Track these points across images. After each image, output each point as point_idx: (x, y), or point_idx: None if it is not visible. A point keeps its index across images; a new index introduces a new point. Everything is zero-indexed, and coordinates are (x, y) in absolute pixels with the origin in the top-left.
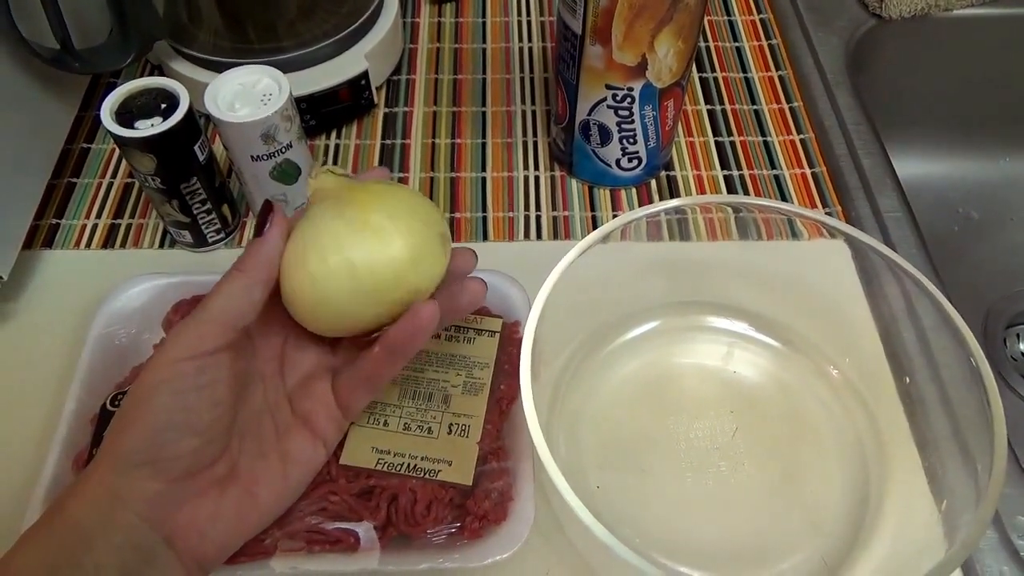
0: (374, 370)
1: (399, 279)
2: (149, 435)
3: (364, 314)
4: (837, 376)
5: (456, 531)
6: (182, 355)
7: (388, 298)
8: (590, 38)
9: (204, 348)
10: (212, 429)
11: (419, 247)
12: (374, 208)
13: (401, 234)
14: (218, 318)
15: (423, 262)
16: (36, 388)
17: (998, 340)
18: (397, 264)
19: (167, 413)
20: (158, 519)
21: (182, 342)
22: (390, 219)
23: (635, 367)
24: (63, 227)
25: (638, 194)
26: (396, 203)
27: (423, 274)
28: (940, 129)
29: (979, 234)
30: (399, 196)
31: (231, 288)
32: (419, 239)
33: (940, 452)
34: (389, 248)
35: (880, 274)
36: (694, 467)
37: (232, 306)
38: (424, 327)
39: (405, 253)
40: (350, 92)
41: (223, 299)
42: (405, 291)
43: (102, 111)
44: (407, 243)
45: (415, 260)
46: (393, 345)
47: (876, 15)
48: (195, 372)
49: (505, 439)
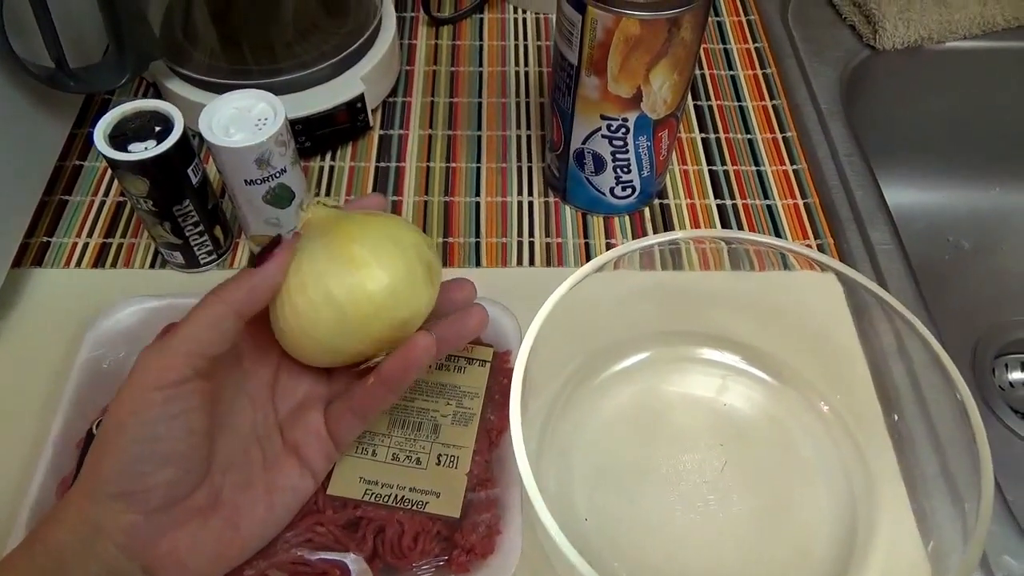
0: (367, 401)
1: (380, 311)
2: (122, 467)
3: (348, 346)
4: (827, 412)
5: (443, 564)
6: (148, 385)
7: (371, 330)
8: (586, 69)
9: (170, 379)
10: (188, 458)
11: (401, 279)
12: (357, 240)
13: (383, 266)
14: (184, 349)
15: (404, 293)
16: (23, 410)
17: (987, 369)
18: (377, 297)
19: (137, 445)
20: (137, 549)
21: (148, 372)
22: (372, 251)
23: (626, 397)
24: (54, 245)
25: (631, 222)
26: (380, 234)
27: (405, 305)
28: (932, 159)
29: (970, 263)
30: (385, 227)
31: (203, 316)
32: (402, 271)
33: (928, 490)
34: (370, 281)
35: (870, 310)
36: (683, 500)
37: (202, 336)
38: (418, 360)
39: (385, 285)
40: (346, 114)
41: (192, 328)
42: (388, 323)
43: (95, 133)
44: (388, 275)
45: (395, 292)
46: (387, 377)
47: (870, 46)
48: (163, 402)
49: (494, 470)
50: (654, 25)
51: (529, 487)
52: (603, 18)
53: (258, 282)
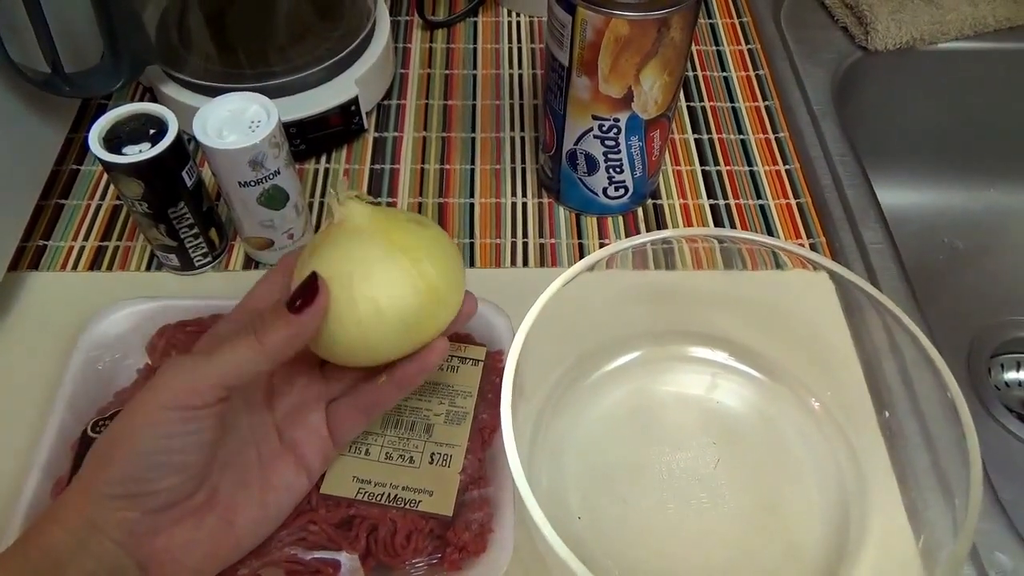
0: (376, 400)
1: (433, 318)
2: (129, 473)
3: (394, 350)
4: (819, 408)
5: (436, 562)
6: (168, 403)
7: (417, 335)
8: (577, 70)
9: (192, 404)
10: (196, 467)
11: (452, 287)
12: (414, 249)
13: (442, 276)
14: (214, 381)
15: (454, 298)
16: (18, 411)
17: (983, 369)
18: (433, 306)
19: (149, 456)
20: (133, 545)
21: (174, 390)
22: (429, 258)
23: (618, 396)
24: (50, 248)
25: (625, 222)
26: (431, 241)
27: (453, 310)
28: (925, 160)
29: (964, 264)
30: (430, 231)
31: (243, 354)
32: (452, 280)
33: (920, 486)
34: (432, 288)
35: (862, 308)
36: (676, 498)
37: (235, 372)
38: (435, 363)
39: (441, 295)
40: (340, 117)
41: (229, 361)
42: (435, 329)
43: (90, 137)
44: (446, 283)
45: (445, 301)
46: (401, 379)
47: (862, 47)
48: (182, 421)
49: (487, 469)
50: (643, 25)
51: (521, 486)
52: (593, 19)
53: (297, 332)
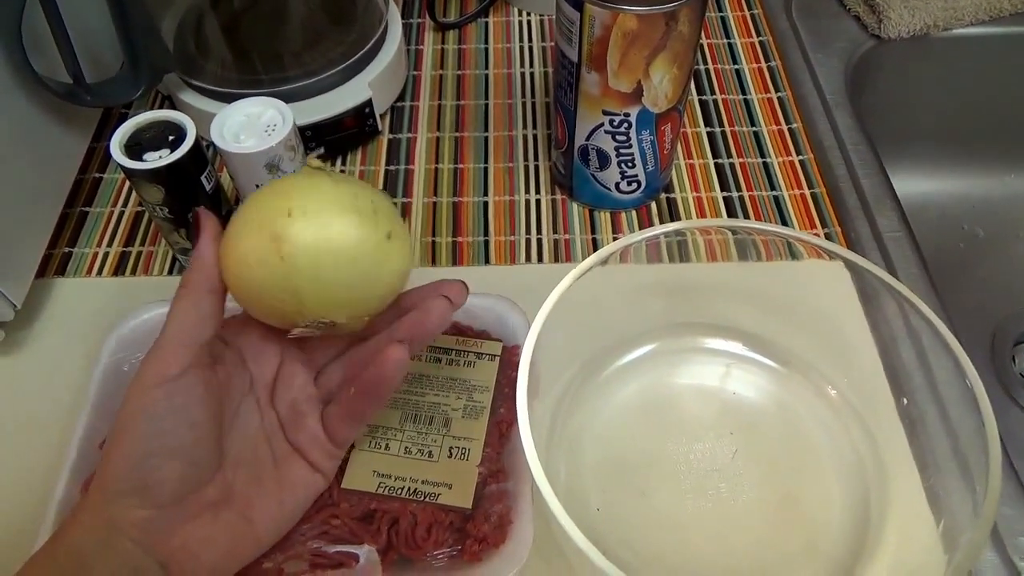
0: (354, 408)
1: (337, 272)
2: (132, 463)
3: (284, 301)
4: (836, 396)
5: (456, 554)
6: (150, 382)
7: (323, 289)
8: (586, 66)
9: (169, 373)
10: (194, 451)
11: (344, 236)
12: (301, 191)
13: (321, 220)
14: (174, 341)
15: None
16: (48, 414)
17: (1006, 357)
18: (313, 247)
19: (145, 440)
20: (151, 543)
21: (149, 369)
22: (313, 204)
23: (635, 389)
24: (75, 255)
25: (638, 216)
26: (330, 195)
27: (370, 268)
28: (943, 147)
29: (985, 251)
30: (343, 182)
31: (180, 308)
32: (343, 230)
33: (940, 471)
34: (306, 230)
35: (878, 295)
36: (694, 489)
37: (185, 326)
38: (391, 374)
39: (323, 237)
40: (355, 120)
41: (175, 322)
42: (349, 291)
43: (111, 144)
44: (330, 230)
45: (340, 247)
46: (366, 388)
47: (875, 36)
48: (166, 397)
49: (505, 461)
50: (651, 20)
51: (538, 478)
52: (601, 14)
53: (202, 256)
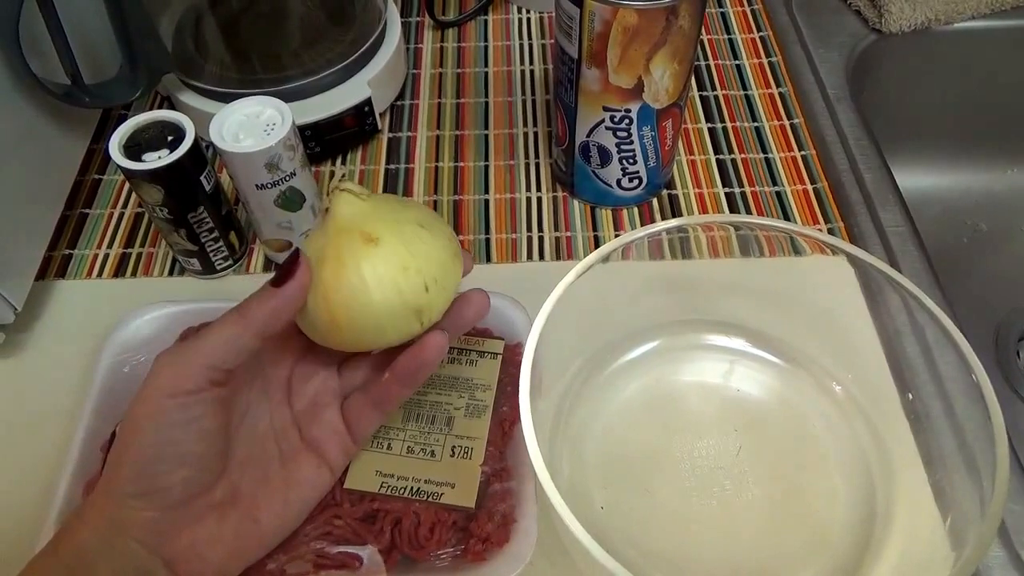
0: (384, 395)
1: (407, 308)
2: (139, 468)
3: (375, 336)
4: (840, 392)
5: (460, 554)
6: (163, 392)
7: (399, 324)
8: (586, 62)
9: (186, 388)
10: (202, 459)
11: (439, 266)
12: (394, 231)
13: (419, 273)
14: (202, 361)
15: (445, 281)
16: (50, 416)
17: (1010, 352)
18: (418, 284)
19: (153, 447)
20: (156, 544)
21: (165, 378)
22: (404, 241)
23: (638, 386)
24: (76, 257)
25: (640, 213)
26: (416, 229)
27: (438, 297)
28: (945, 141)
29: (989, 246)
30: (418, 216)
31: (223, 333)
32: (437, 261)
33: (946, 467)
34: (414, 269)
35: (882, 289)
36: (698, 486)
37: (218, 352)
38: (432, 360)
39: (428, 273)
40: (354, 119)
41: (211, 342)
42: (417, 319)
43: (110, 145)
44: (429, 264)
45: (416, 297)
46: (401, 374)
47: (876, 30)
48: (178, 408)
49: (508, 460)
50: (651, 15)
51: (542, 476)
52: (601, 10)
53: (280, 305)
